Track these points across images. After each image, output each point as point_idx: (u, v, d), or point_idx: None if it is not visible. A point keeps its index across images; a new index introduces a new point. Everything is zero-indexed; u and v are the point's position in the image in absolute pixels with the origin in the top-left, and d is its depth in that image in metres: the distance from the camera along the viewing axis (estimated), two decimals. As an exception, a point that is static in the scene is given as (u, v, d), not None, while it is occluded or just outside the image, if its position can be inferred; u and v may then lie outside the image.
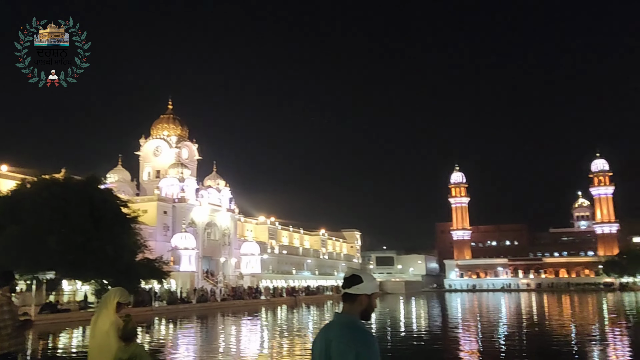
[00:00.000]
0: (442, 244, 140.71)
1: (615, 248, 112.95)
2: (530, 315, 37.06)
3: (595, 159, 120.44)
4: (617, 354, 17.61)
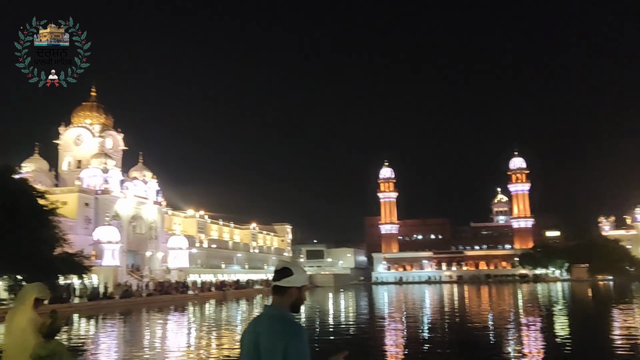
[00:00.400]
0: (370, 238, 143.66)
1: (530, 241, 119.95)
2: (452, 306, 38.65)
3: (514, 157, 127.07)
4: (531, 341, 18.70)
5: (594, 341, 18.46)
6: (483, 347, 17.32)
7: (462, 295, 55.20)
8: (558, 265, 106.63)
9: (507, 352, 16.02)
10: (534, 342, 18.53)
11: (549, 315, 29.52)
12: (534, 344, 18.05)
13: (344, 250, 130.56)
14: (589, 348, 16.80)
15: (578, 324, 25.96)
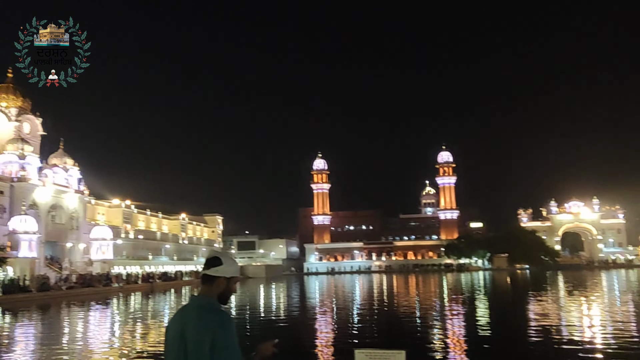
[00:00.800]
0: (303, 229, 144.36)
1: (455, 232, 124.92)
2: (381, 295, 39.53)
3: (442, 152, 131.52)
4: (454, 326, 19.41)
5: (511, 326, 19.42)
6: (409, 333, 17.76)
7: (391, 284, 56.61)
8: (480, 255, 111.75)
9: (432, 336, 16.53)
10: (457, 327, 19.22)
11: (471, 302, 30.80)
12: (457, 329, 18.72)
13: (276, 242, 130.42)
14: (506, 332, 17.63)
15: (497, 310, 27.29)
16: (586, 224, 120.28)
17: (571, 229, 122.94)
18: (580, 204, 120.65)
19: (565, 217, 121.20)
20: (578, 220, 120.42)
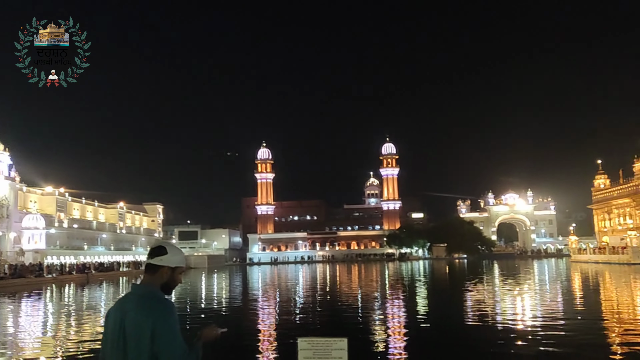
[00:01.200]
0: (247, 219, 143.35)
1: (397, 223, 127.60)
2: (324, 284, 39.83)
3: (386, 143, 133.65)
4: (395, 313, 19.80)
5: (448, 312, 20.02)
6: (352, 321, 17.96)
7: (334, 274, 57.13)
8: (421, 245, 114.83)
9: (374, 324, 16.79)
10: (397, 314, 19.62)
11: (411, 290, 31.56)
12: (397, 316, 19.11)
13: (218, 232, 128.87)
14: (443, 318, 18.15)
15: (435, 297, 28.10)
16: (520, 215, 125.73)
17: (507, 219, 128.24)
18: (516, 196, 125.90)
19: (502, 208, 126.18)
20: (513, 211, 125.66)
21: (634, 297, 25.05)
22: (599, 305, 22.32)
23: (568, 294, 27.07)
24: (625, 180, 74.80)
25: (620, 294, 26.81)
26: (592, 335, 13.63)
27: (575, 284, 34.48)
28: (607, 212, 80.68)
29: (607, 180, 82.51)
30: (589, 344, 12.34)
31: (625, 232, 69.49)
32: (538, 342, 12.70)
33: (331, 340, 7.26)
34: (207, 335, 3.23)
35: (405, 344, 13.18)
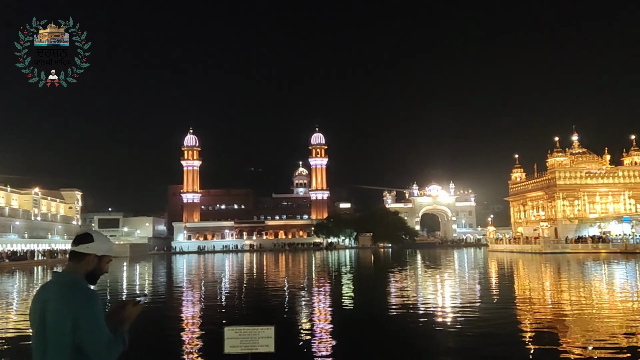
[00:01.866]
0: (173, 207, 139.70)
1: (325, 212, 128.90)
2: (251, 273, 39.57)
3: (315, 133, 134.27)
4: (321, 300, 19.97)
5: (373, 298, 20.45)
6: (279, 309, 17.92)
7: (261, 263, 56.92)
8: (347, 234, 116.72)
9: (300, 311, 16.84)
10: (323, 302, 19.79)
11: (337, 278, 31.99)
12: (323, 303, 19.28)
13: (142, 219, 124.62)
14: (368, 304, 18.51)
15: (360, 284, 28.67)
16: (443, 206, 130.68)
17: (430, 210, 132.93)
18: (439, 188, 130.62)
19: (425, 199, 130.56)
20: (436, 202, 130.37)
21: (544, 284, 26.71)
22: (513, 291, 23.63)
23: (485, 281, 28.44)
24: (539, 174, 79.55)
25: (531, 281, 28.53)
26: (506, 319, 14.35)
27: (491, 272, 36.30)
28: (522, 204, 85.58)
29: (522, 174, 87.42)
30: (504, 327, 12.98)
31: (538, 223, 74.02)
32: (457, 327, 13.22)
33: (258, 329, 7.18)
34: (129, 315, 3.07)
35: (331, 331, 13.30)
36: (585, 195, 72.84)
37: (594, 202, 72.94)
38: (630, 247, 57.37)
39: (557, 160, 74.23)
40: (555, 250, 61.80)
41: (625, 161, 75.00)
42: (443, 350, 10.75)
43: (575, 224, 71.16)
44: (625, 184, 73.10)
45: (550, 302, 18.91)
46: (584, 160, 74.90)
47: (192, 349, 11.26)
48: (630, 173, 73.53)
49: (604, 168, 74.40)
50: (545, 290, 23.77)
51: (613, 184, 73.20)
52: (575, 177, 73.19)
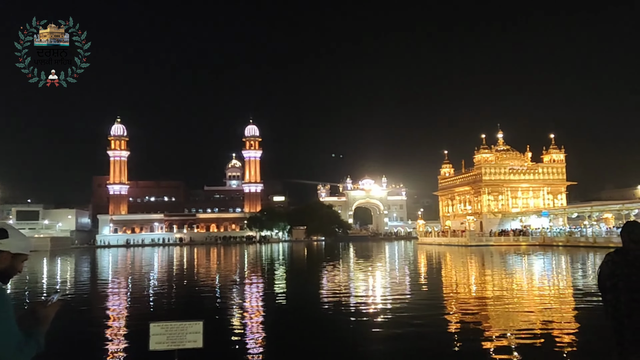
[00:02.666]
0: (98, 199, 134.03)
1: (259, 205, 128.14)
2: (181, 267, 38.60)
3: (249, 125, 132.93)
4: (253, 294, 19.74)
5: (305, 291, 20.47)
6: (209, 304, 17.53)
7: (192, 257, 55.72)
8: (281, 228, 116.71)
9: (231, 306, 16.55)
10: (255, 296, 19.59)
11: (270, 272, 31.83)
12: (255, 297, 19.07)
13: (64, 212, 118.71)
14: (300, 297, 18.50)
15: (293, 277, 28.65)
16: (375, 200, 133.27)
17: (363, 204, 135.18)
18: (371, 182, 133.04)
19: (358, 193, 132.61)
20: (369, 196, 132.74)
21: (469, 275, 27.78)
22: (440, 283, 24.41)
23: (414, 273, 29.20)
24: (466, 170, 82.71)
25: (457, 273, 29.60)
26: (433, 311, 14.75)
27: (420, 264, 37.34)
28: (450, 198, 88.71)
29: (451, 170, 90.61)
30: (431, 318, 13.31)
31: (464, 217, 77.02)
32: (387, 319, 13.44)
33: (186, 324, 6.91)
34: (45, 316, 2.82)
35: (263, 325, 13.14)
36: (508, 191, 76.49)
37: (516, 197, 76.75)
38: (548, 240, 60.87)
39: (483, 156, 77.38)
40: (480, 242, 64.53)
41: (545, 158, 79.32)
42: (373, 342, 10.86)
43: (499, 218, 74.61)
44: (544, 180, 77.43)
45: (475, 293, 19.64)
46: (508, 157, 78.54)
47: (116, 347, 10.75)
48: (549, 170, 77.94)
49: (525, 165, 78.34)
50: (470, 281, 24.71)
51: (534, 180, 77.34)
52: (500, 173, 76.69)
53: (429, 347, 10.11)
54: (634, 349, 4.28)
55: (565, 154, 78.68)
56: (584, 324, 12.03)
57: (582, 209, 63.54)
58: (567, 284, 22.16)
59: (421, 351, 9.80)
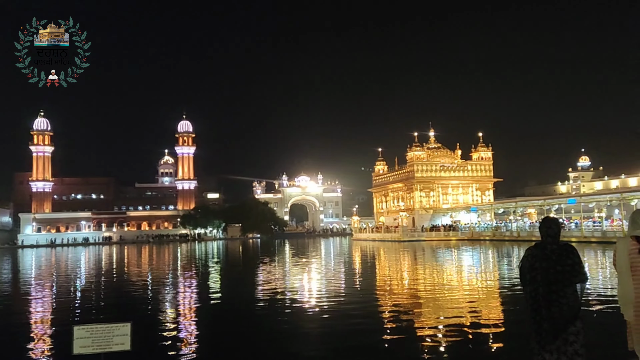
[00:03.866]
0: (20, 196, 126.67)
1: (193, 203, 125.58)
2: (110, 267, 37.16)
3: (182, 120, 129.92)
4: (185, 294, 19.27)
5: (240, 289, 20.24)
6: (139, 305, 16.96)
7: (122, 256, 53.81)
8: (216, 226, 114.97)
9: (162, 307, 16.09)
10: (188, 296, 19.15)
11: (203, 270, 31.24)
12: (188, 297, 18.64)
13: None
14: (235, 296, 18.27)
15: (227, 276, 28.28)
16: (311, 197, 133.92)
17: (299, 201, 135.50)
18: (307, 179, 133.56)
19: (294, 190, 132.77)
20: (305, 193, 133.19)
21: (401, 269, 28.45)
22: (373, 278, 24.86)
23: (348, 269, 29.56)
24: (399, 167, 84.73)
25: (390, 267, 30.26)
26: (367, 305, 14.97)
27: (354, 260, 37.86)
28: (384, 195, 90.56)
29: (385, 167, 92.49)
30: (366, 313, 13.50)
31: (397, 213, 78.87)
32: (323, 316, 13.51)
33: (112, 326, 6.62)
34: None
35: (195, 325, 12.86)
36: (439, 187, 79.03)
37: (447, 193, 79.42)
38: (476, 235, 63.46)
39: (415, 154, 79.50)
40: (412, 238, 66.31)
41: (474, 156, 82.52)
42: (309, 340, 10.87)
43: (430, 214, 76.95)
44: (473, 177, 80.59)
45: (407, 287, 20.13)
46: (439, 155, 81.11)
47: (38, 353, 10.15)
48: (477, 167, 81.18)
49: (455, 162, 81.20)
50: (402, 275, 25.30)
51: (463, 177, 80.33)
52: (431, 170, 79.09)
53: (363, 342, 10.23)
54: (551, 338, 4.54)
55: (492, 151, 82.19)
56: (508, 315, 12.61)
57: (507, 204, 66.71)
58: (494, 276, 23.15)
59: (355, 348, 9.89)
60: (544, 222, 4.83)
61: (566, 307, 4.50)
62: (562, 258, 4.60)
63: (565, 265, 4.57)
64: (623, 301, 4.83)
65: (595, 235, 46.67)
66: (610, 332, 9.48)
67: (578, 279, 4.59)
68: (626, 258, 4.78)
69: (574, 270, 4.57)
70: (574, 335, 4.51)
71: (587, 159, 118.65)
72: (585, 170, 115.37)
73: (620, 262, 4.84)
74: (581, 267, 4.61)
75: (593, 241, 44.80)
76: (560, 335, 4.50)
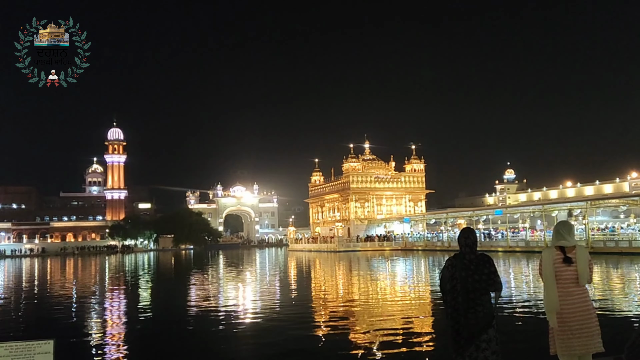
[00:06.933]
0: None
1: (122, 213, 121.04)
2: (31, 282, 35.09)
3: (112, 128, 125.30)
4: (113, 309, 18.48)
5: (168, 304, 19.64)
6: (63, 321, 16.09)
7: (44, 269, 50.94)
8: (147, 236, 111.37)
9: (88, 322, 15.36)
10: (115, 310, 18.39)
11: (133, 283, 30.11)
12: (115, 312, 17.90)
13: None
14: (166, 309, 17.72)
15: (158, 289, 27.39)
16: (247, 207, 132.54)
17: (234, 211, 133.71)
18: (243, 189, 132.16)
19: (229, 200, 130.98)
20: (240, 203, 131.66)
21: (336, 279, 28.65)
22: (309, 288, 24.86)
23: (283, 280, 29.43)
24: (335, 178, 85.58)
25: (325, 278, 30.40)
26: (303, 315, 14.94)
27: (290, 271, 37.77)
28: (320, 205, 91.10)
29: (321, 178, 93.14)
30: (301, 323, 13.45)
31: (333, 224, 79.51)
32: (257, 327, 13.34)
33: (34, 344, 6.20)
34: None
35: (124, 341, 12.34)
36: (374, 198, 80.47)
37: (381, 204, 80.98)
38: (409, 245, 65.05)
39: (351, 165, 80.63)
40: (347, 248, 67.05)
41: (407, 168, 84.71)
42: (243, 351, 10.70)
43: (365, 224, 78.14)
44: (406, 188, 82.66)
45: (342, 296, 20.28)
46: (374, 166, 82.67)
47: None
48: (410, 179, 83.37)
49: (389, 174, 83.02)
50: (338, 285, 25.48)
51: (397, 188, 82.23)
52: (366, 181, 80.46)
53: (299, 352, 10.18)
54: (468, 346, 4.76)
55: (425, 163, 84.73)
56: (438, 324, 12.96)
57: (439, 215, 68.89)
58: (425, 285, 23.75)
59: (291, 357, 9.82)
60: (462, 232, 5.07)
61: (482, 315, 4.75)
62: (479, 267, 4.85)
63: (482, 274, 4.81)
64: (548, 308, 5.06)
65: (519, 245, 49.02)
66: (532, 338, 9.94)
67: (493, 287, 4.84)
68: (551, 267, 5.02)
69: (489, 279, 4.82)
70: (485, 343, 4.73)
71: (513, 172, 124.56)
72: (510, 182, 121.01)
73: (545, 271, 5.08)
74: (496, 276, 4.86)
75: (517, 250, 47.03)
76: (474, 342, 4.70)
